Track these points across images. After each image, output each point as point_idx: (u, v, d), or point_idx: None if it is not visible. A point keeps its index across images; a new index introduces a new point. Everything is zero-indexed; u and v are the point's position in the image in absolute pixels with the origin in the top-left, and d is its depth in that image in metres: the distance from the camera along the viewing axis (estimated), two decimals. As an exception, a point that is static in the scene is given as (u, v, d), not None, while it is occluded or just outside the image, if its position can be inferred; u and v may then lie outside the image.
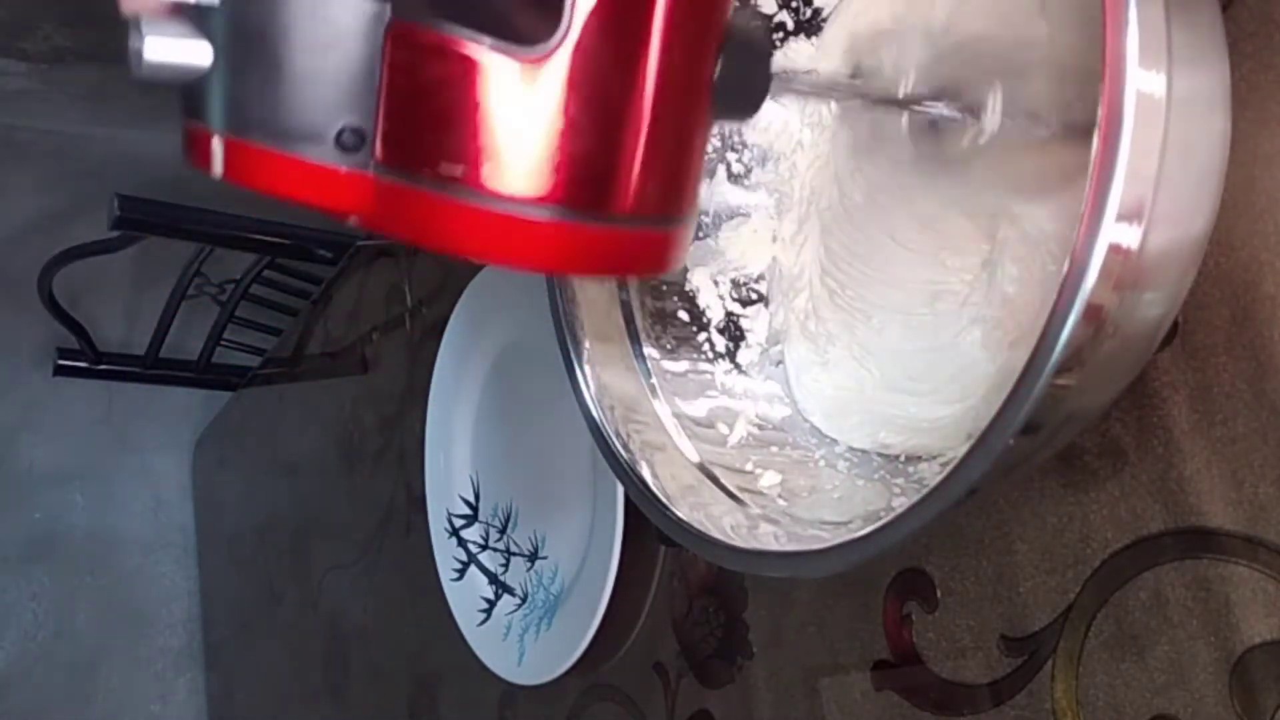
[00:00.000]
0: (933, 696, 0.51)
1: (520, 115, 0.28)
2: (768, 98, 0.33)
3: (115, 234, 1.30)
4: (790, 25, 0.53)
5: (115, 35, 0.29)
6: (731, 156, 0.55)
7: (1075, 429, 0.39)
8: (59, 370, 1.54)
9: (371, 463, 1.04)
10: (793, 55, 0.53)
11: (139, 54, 0.28)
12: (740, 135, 0.55)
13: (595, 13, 0.27)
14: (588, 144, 0.28)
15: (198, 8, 0.28)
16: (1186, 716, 0.41)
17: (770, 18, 0.53)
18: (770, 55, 0.33)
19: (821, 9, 0.53)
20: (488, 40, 0.27)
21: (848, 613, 0.55)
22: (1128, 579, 0.43)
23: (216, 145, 0.29)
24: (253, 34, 0.28)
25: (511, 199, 0.28)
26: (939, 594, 0.50)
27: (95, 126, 1.78)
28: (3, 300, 1.66)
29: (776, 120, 0.54)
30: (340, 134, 0.28)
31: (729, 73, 0.30)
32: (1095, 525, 0.44)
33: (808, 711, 0.57)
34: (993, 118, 0.42)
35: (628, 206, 0.29)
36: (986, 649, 0.48)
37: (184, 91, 0.29)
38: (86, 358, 1.53)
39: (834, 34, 0.53)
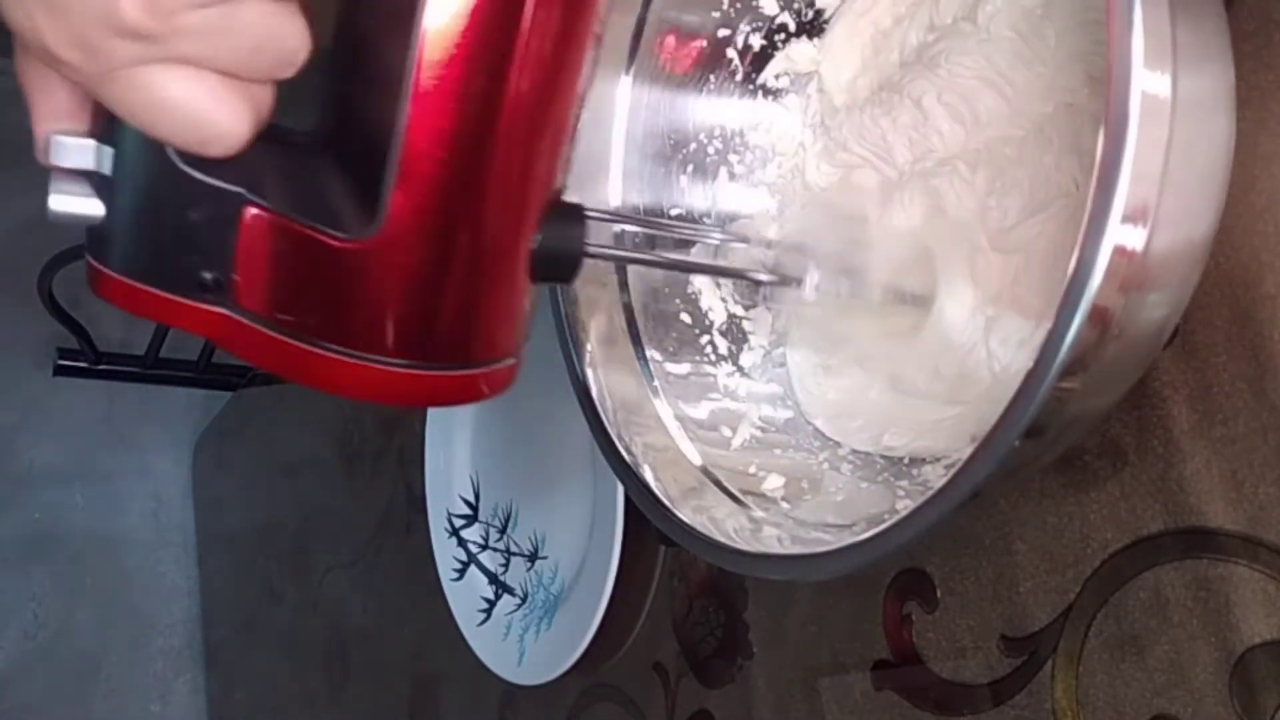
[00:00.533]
0: (933, 696, 0.51)
1: (346, 284, 0.34)
2: (584, 262, 0.38)
3: (115, 234, 1.30)
4: (792, 26, 0.53)
5: None
6: (733, 158, 0.55)
7: (1079, 431, 0.39)
8: (59, 370, 1.53)
9: (371, 463, 1.04)
10: (795, 57, 0.53)
11: (47, 204, 0.34)
12: (742, 137, 0.55)
13: (407, 212, 0.33)
14: (401, 309, 0.34)
15: (96, 174, 0.33)
16: (1186, 716, 0.41)
17: (771, 19, 0.53)
18: (584, 232, 0.37)
19: (824, 10, 0.53)
20: (319, 226, 0.33)
21: (848, 613, 0.55)
22: (1128, 579, 0.43)
23: (108, 279, 0.35)
24: (135, 197, 0.34)
25: (341, 348, 0.34)
26: (939, 594, 0.50)
27: (95, 126, 1.78)
28: (3, 300, 1.66)
29: (779, 121, 0.54)
30: (203, 281, 0.34)
31: (547, 243, 0.36)
32: (1095, 525, 0.44)
33: (808, 711, 0.57)
34: (809, 288, 0.45)
35: (442, 358, 0.35)
36: (986, 649, 0.48)
37: (88, 234, 0.35)
38: (86, 358, 1.53)
39: (838, 34, 0.53)
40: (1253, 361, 0.39)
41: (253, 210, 0.33)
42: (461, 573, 0.84)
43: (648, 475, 0.47)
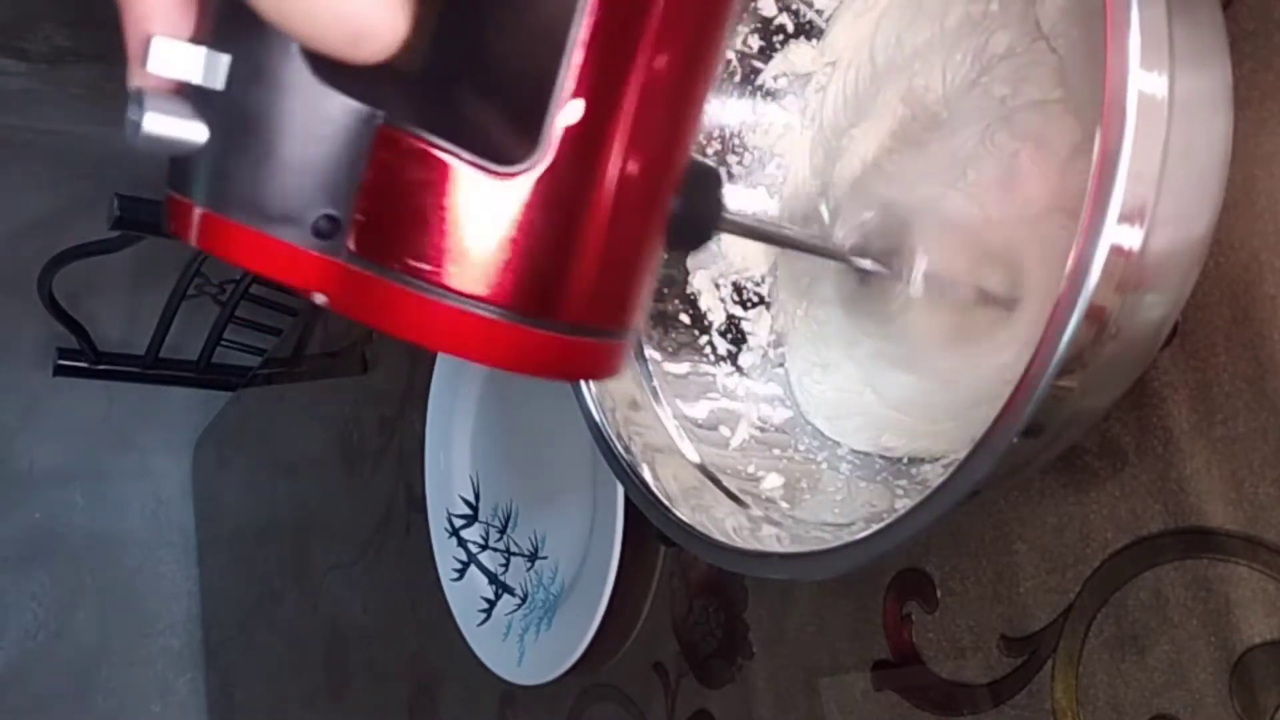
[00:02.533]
0: (933, 696, 0.51)
1: (486, 224, 0.30)
2: (715, 235, 0.36)
3: (115, 234, 1.30)
4: (790, 28, 0.53)
5: (115, 36, 0.29)
6: (732, 159, 0.55)
7: (1077, 431, 0.39)
8: (59, 370, 1.54)
9: (371, 463, 1.04)
10: (794, 59, 0.53)
11: (137, 125, 0.29)
12: (741, 138, 0.55)
13: (569, 143, 0.29)
14: (544, 256, 0.31)
15: (200, 89, 0.29)
16: (1186, 716, 0.41)
17: (769, 20, 0.53)
18: (721, 198, 0.35)
19: (823, 10, 0.53)
20: (467, 155, 0.29)
21: (848, 613, 0.55)
22: (1128, 579, 0.43)
23: (197, 218, 0.30)
24: (249, 120, 0.29)
25: (469, 297, 0.30)
26: (939, 594, 0.50)
27: (95, 126, 1.78)
28: (3, 300, 1.66)
29: (778, 122, 0.54)
30: (317, 221, 0.30)
31: (684, 206, 0.33)
32: (1095, 525, 0.44)
33: (808, 711, 0.57)
34: (916, 282, 0.44)
35: (573, 317, 0.32)
36: (986, 649, 0.48)
37: (171, 164, 0.31)
38: (86, 358, 1.53)
39: (836, 35, 0.53)
40: (1253, 361, 0.39)
41: (390, 135, 0.29)
42: (461, 573, 0.84)
43: (646, 475, 0.47)
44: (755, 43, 0.53)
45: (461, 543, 0.85)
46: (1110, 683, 0.44)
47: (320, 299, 0.31)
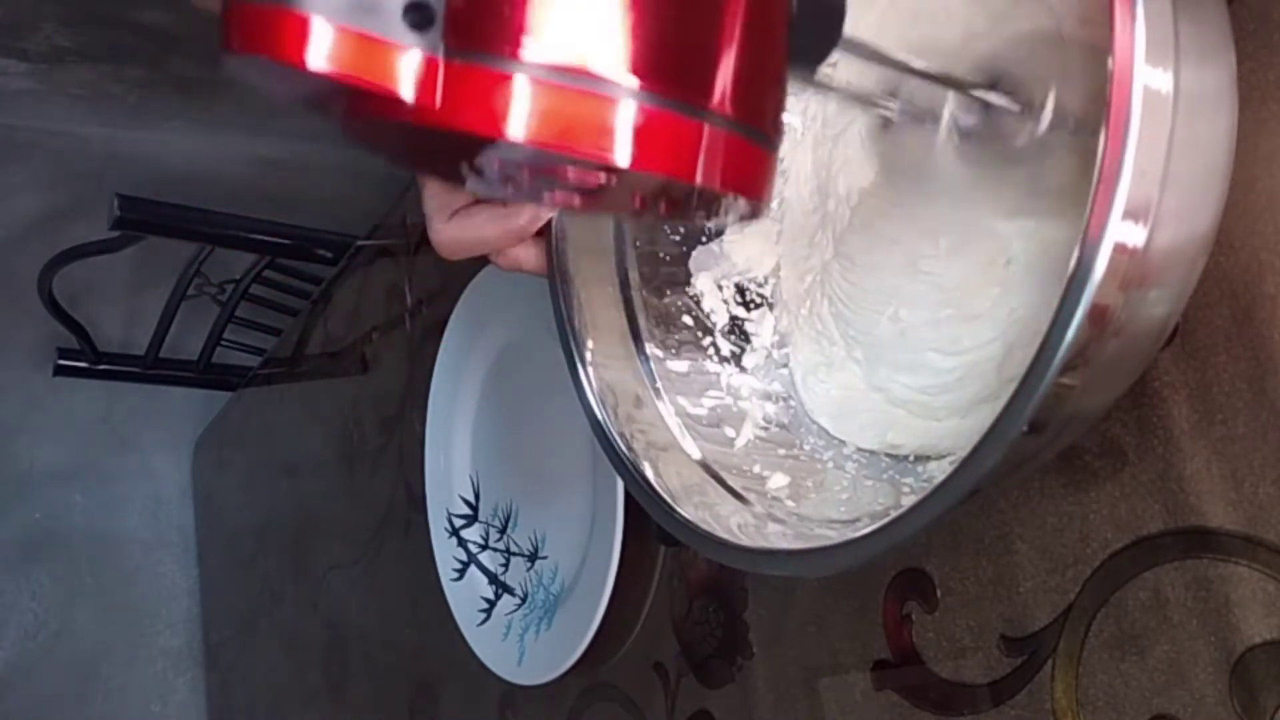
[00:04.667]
0: (933, 696, 0.51)
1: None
2: (836, 50, 0.33)
3: (115, 234, 1.30)
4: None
5: (115, 35, 0.28)
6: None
7: (1079, 428, 0.39)
8: (59, 370, 1.54)
9: (371, 463, 1.04)
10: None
11: None
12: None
13: None
14: (682, 30, 0.27)
15: None
16: (1186, 716, 0.41)
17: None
18: (844, 9, 0.32)
19: None
20: None
21: (848, 613, 0.55)
22: (1128, 579, 0.43)
23: (264, 19, 0.27)
24: None
25: (595, 77, 0.26)
26: (939, 594, 0.50)
27: (95, 126, 1.78)
28: (3, 300, 1.66)
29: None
30: (408, 9, 0.27)
31: (804, 15, 0.30)
32: (1095, 525, 0.44)
33: (808, 711, 0.57)
34: (1045, 116, 0.41)
35: (724, 103, 0.28)
36: (986, 649, 0.48)
37: None
38: (86, 358, 1.53)
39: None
40: (1253, 361, 0.40)
41: None
42: (461, 573, 0.84)
43: (649, 473, 0.47)
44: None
45: (461, 543, 0.85)
46: (1110, 683, 0.44)
47: (413, 113, 0.27)
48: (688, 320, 0.53)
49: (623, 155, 0.27)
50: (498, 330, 0.83)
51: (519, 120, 0.26)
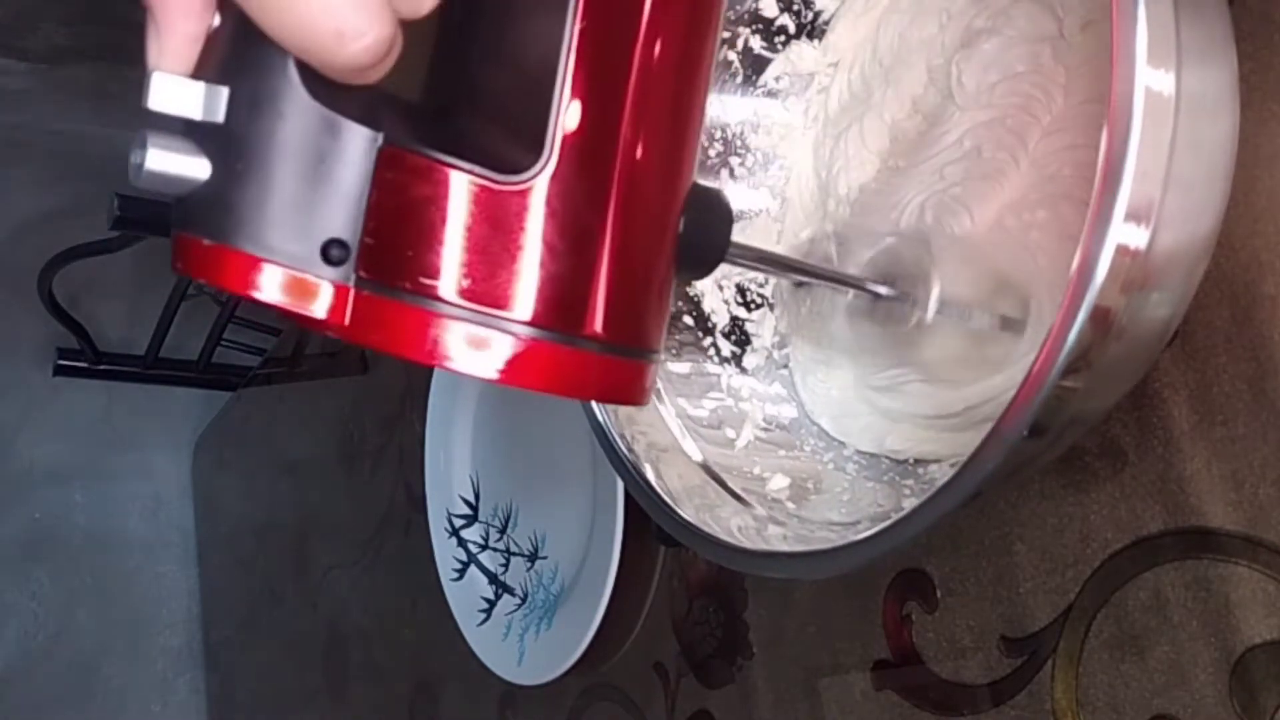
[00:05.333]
0: (933, 696, 0.51)
1: (496, 236, 0.30)
2: (723, 262, 0.35)
3: (115, 234, 1.30)
4: (792, 29, 0.53)
5: (115, 35, 0.30)
6: (734, 160, 0.55)
7: (1080, 431, 0.39)
8: (59, 370, 1.54)
9: (371, 463, 1.04)
10: (795, 59, 0.53)
11: (140, 166, 0.29)
12: (743, 139, 0.55)
13: (572, 147, 0.30)
14: (561, 266, 0.30)
15: (201, 124, 0.29)
16: (1186, 716, 0.41)
17: (771, 21, 0.53)
18: (731, 219, 0.35)
19: (823, 11, 0.53)
20: (471, 168, 0.29)
21: (848, 613, 0.55)
22: (1128, 579, 0.43)
23: (204, 253, 0.30)
24: (251, 150, 0.29)
25: (487, 314, 0.30)
26: (939, 594, 0.50)
27: (95, 126, 1.78)
28: (3, 300, 1.66)
29: (780, 122, 0.54)
30: (327, 248, 0.30)
31: (691, 228, 0.33)
32: (1095, 525, 0.44)
33: (808, 711, 0.57)
34: (931, 307, 0.43)
35: (598, 330, 0.31)
36: (986, 649, 0.48)
37: (176, 205, 0.31)
38: (86, 358, 1.53)
39: (838, 35, 0.53)
40: (1253, 361, 0.40)
41: (393, 154, 0.29)
42: (461, 573, 0.84)
43: (650, 475, 0.47)
44: (757, 43, 0.53)
45: (461, 543, 0.85)
46: (1110, 683, 0.44)
47: (332, 332, 0.31)
48: (688, 320, 0.53)
49: (503, 377, 0.31)
50: (498, 330, 0.83)
51: (411, 344, 0.30)
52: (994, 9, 0.46)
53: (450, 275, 0.29)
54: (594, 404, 0.49)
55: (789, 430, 0.52)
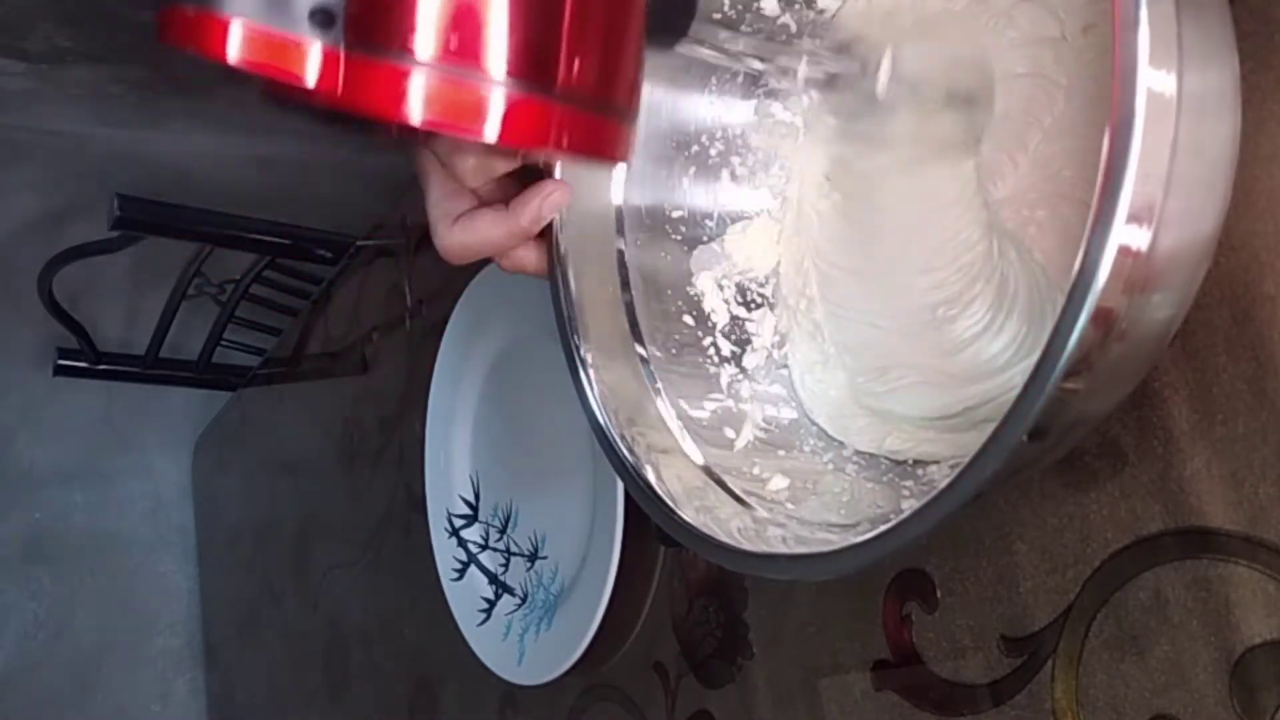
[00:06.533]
0: (933, 696, 0.51)
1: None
2: (689, 40, 0.37)
3: (115, 234, 1.30)
4: (794, 28, 0.53)
5: (115, 35, 0.31)
6: (735, 160, 0.55)
7: (1082, 432, 0.39)
8: (59, 370, 1.54)
9: (371, 463, 1.04)
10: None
11: None
12: (744, 139, 0.55)
13: None
14: (531, 21, 0.32)
15: None
16: (1186, 716, 0.41)
17: (772, 20, 0.53)
18: None
19: (825, 10, 0.53)
20: None
21: (848, 613, 0.55)
22: (1128, 579, 0.43)
23: (192, 22, 0.32)
24: None
25: (464, 68, 0.32)
26: (939, 594, 0.50)
27: (95, 126, 1.78)
28: (3, 300, 1.66)
29: (781, 122, 0.54)
30: (312, 13, 0.32)
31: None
32: (1095, 525, 0.44)
33: (808, 711, 0.57)
34: (883, 79, 0.43)
35: (570, 82, 0.33)
36: (986, 649, 0.48)
37: None
38: (86, 358, 1.53)
39: (839, 36, 0.53)
40: (1253, 361, 0.40)
41: None
42: (461, 573, 0.84)
43: (650, 476, 0.47)
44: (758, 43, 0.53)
45: (461, 543, 0.85)
46: (1110, 683, 0.44)
47: (320, 98, 0.32)
48: (688, 320, 0.53)
49: (488, 132, 0.32)
50: (498, 330, 0.83)
51: (405, 104, 0.32)
52: (996, 10, 0.46)
53: (430, 36, 0.31)
54: (595, 406, 0.49)
55: (788, 430, 0.52)
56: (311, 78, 0.32)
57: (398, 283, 1.01)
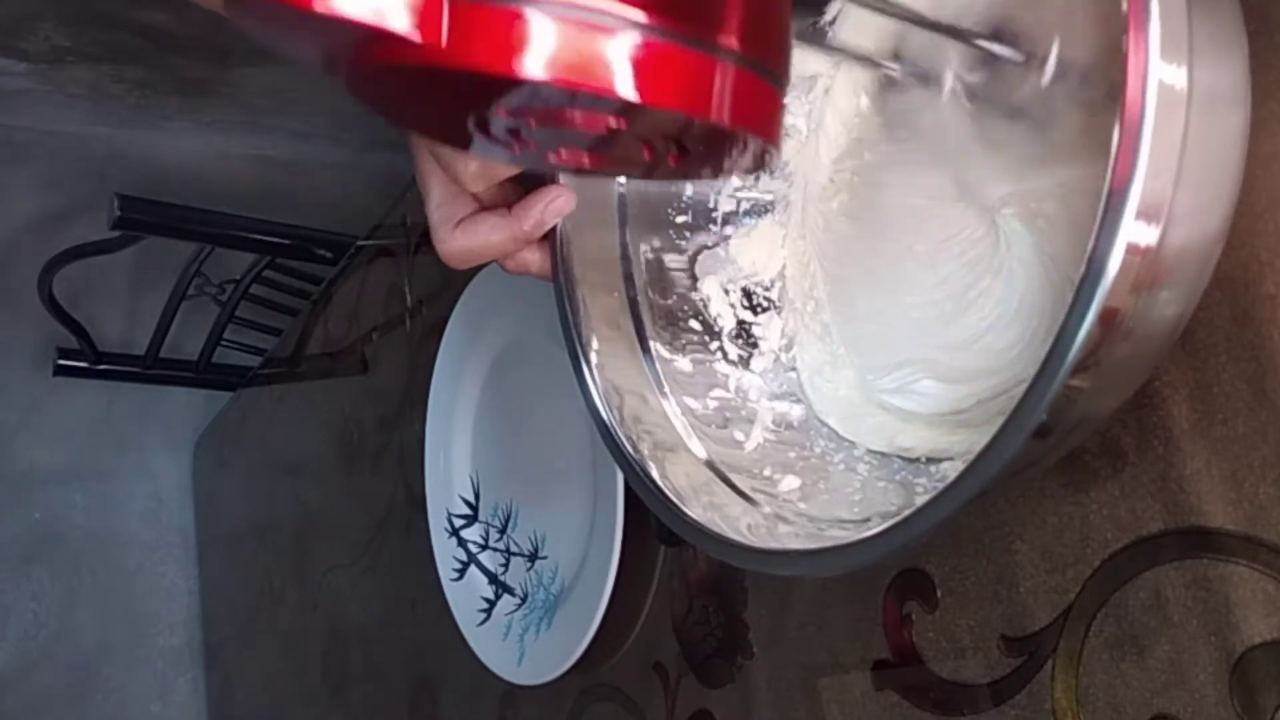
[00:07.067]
0: (933, 696, 0.51)
1: None
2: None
3: (115, 234, 1.30)
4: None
5: (115, 35, 0.29)
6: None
7: (1087, 430, 0.39)
8: (59, 370, 1.54)
9: (371, 463, 1.04)
10: (799, 62, 0.53)
11: None
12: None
13: None
14: None
15: None
16: (1186, 716, 0.41)
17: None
18: None
19: (825, 13, 0.53)
20: None
21: (848, 613, 0.55)
22: (1128, 579, 0.43)
23: None
24: None
25: (602, 12, 0.26)
26: (939, 594, 0.50)
27: (95, 126, 1.78)
28: (3, 300, 1.66)
29: (784, 125, 0.54)
30: None
31: None
32: (1095, 525, 0.44)
33: (808, 711, 0.57)
34: (1049, 67, 0.40)
35: (726, 36, 0.27)
36: (986, 649, 0.48)
37: None
38: (86, 358, 1.53)
39: (843, 35, 0.53)
40: (1253, 361, 0.40)
41: None
42: (461, 573, 0.84)
43: (654, 474, 0.47)
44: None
45: (461, 543, 0.85)
46: (1110, 683, 0.44)
47: (421, 54, 0.26)
48: (695, 324, 0.53)
49: (631, 88, 0.26)
50: (498, 330, 0.83)
51: (526, 56, 0.25)
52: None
53: None
54: (598, 401, 0.49)
55: (799, 431, 0.52)
56: (412, 28, 0.26)
57: (398, 283, 1.01)
